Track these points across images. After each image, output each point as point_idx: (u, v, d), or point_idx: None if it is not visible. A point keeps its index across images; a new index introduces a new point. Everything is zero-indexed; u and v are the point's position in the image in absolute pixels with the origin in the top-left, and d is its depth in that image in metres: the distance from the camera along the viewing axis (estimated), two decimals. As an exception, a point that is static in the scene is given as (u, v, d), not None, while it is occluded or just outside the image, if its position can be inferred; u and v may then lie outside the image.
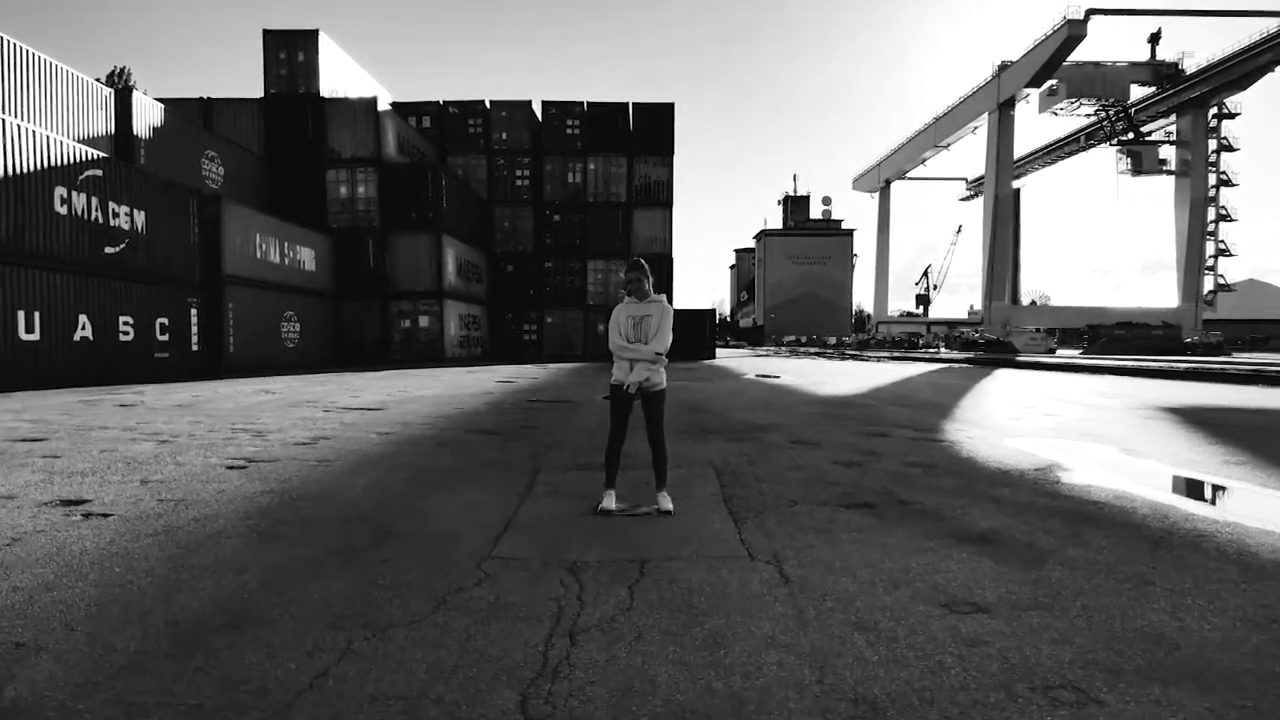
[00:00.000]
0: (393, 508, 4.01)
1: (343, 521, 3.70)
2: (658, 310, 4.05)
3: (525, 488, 4.58)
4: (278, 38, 28.08)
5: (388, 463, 5.40)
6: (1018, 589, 2.76)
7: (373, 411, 8.87)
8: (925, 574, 2.92)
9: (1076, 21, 51.52)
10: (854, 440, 6.78)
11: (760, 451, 6.09)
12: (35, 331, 13.66)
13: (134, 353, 16.19)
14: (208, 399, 10.48)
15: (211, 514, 3.78)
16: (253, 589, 2.69)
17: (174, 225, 17.76)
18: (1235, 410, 10.00)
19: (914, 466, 5.43)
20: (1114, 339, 48.95)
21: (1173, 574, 2.94)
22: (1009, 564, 3.06)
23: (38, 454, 5.51)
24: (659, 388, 4.04)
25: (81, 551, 3.11)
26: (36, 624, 2.33)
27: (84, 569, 2.88)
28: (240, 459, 5.43)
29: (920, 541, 3.39)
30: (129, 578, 2.79)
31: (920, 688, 1.95)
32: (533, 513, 3.95)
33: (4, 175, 12.97)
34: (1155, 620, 2.45)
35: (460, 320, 29.95)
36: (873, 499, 4.32)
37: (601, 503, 4.01)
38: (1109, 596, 2.68)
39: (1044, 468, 5.42)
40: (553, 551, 3.20)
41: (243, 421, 7.72)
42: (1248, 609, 2.56)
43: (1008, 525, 3.70)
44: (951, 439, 6.98)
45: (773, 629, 2.36)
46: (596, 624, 2.39)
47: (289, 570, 2.91)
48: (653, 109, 35.19)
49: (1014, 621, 2.43)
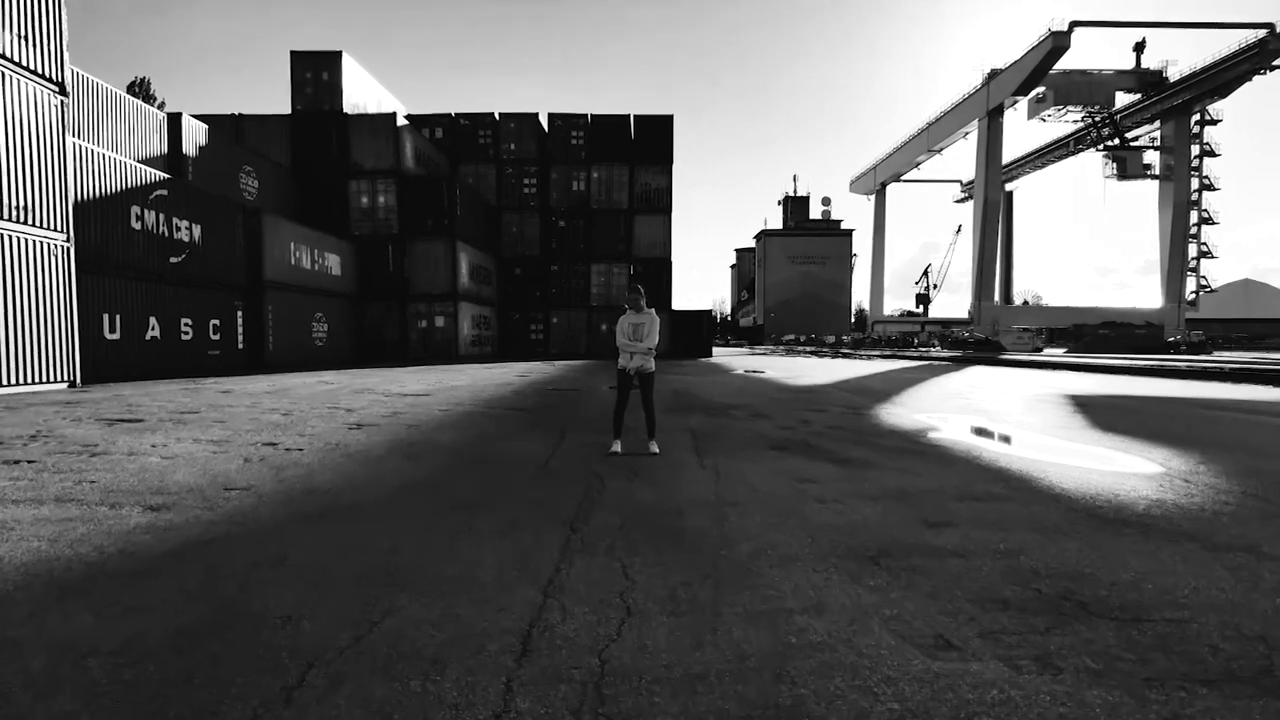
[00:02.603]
0: (478, 449, 6.21)
1: (449, 452, 5.90)
2: (649, 319, 6.22)
3: (558, 440, 6.77)
4: (304, 59, 30.28)
5: (459, 427, 7.61)
6: (842, 476, 4.95)
7: (423, 396, 11.06)
8: (794, 471, 5.13)
9: (1060, 33, 53.64)
10: (798, 414, 8.98)
11: (726, 422, 8.28)
12: (116, 332, 15.87)
13: (193, 350, 18.43)
14: (284, 388, 12.70)
15: (362, 450, 5.98)
16: (431, 475, 4.89)
17: (224, 236, 19.98)
18: (1131, 398, 12.18)
19: (831, 429, 7.62)
20: (1098, 338, 50.98)
21: (932, 470, 5.14)
22: (847, 469, 5.26)
23: (208, 420, 7.72)
24: (650, 371, 6.22)
25: (324, 460, 5.31)
26: (342, 467, 4.53)
27: (326, 467, 5.07)
28: (352, 424, 7.63)
29: (802, 461, 5.59)
30: (357, 470, 4.99)
31: (765, 499, 4.14)
32: (566, 451, 6.15)
33: (93, 198, 15.17)
34: (900, 483, 4.65)
35: (473, 320, 32.15)
36: (789, 445, 6.50)
37: (611, 448, 6.17)
38: (888, 477, 4.88)
39: (922, 429, 7.62)
40: (584, 466, 5.40)
41: (329, 403, 9.92)
42: (945, 475, 4.75)
43: (865, 455, 5.90)
44: (872, 413, 9.18)
45: (699, 486, 4.57)
46: (610, 489, 4.58)
47: (437, 471, 5.11)
48: (653, 120, 37.36)
49: (829, 484, 4.62)
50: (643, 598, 2.64)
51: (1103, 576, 2.88)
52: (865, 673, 2.04)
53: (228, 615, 2.43)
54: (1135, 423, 8.37)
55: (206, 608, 2.50)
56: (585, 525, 3.65)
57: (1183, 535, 3.50)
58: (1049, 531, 3.55)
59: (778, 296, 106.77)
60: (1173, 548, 3.29)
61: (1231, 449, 6.33)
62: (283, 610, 2.48)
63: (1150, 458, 5.83)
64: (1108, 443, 6.72)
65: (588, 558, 3.11)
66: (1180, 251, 63.93)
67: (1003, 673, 2.04)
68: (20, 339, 11.97)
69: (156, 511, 3.78)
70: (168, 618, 2.40)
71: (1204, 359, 31.91)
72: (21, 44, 12.46)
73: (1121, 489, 4.61)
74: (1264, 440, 6.96)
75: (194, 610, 2.47)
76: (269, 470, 4.97)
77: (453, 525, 3.64)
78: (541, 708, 1.85)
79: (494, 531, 3.53)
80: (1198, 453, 6.09)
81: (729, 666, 2.09)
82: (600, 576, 2.86)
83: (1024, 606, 2.55)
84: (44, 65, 12.93)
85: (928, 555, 3.16)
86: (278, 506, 3.96)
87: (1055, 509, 4.04)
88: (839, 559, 3.11)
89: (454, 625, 2.36)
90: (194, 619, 2.39)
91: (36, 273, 12.45)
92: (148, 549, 3.16)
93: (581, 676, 2.03)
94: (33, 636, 2.25)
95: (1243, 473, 5.18)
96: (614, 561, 3.06)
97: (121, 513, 3.75)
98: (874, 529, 3.59)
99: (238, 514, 3.78)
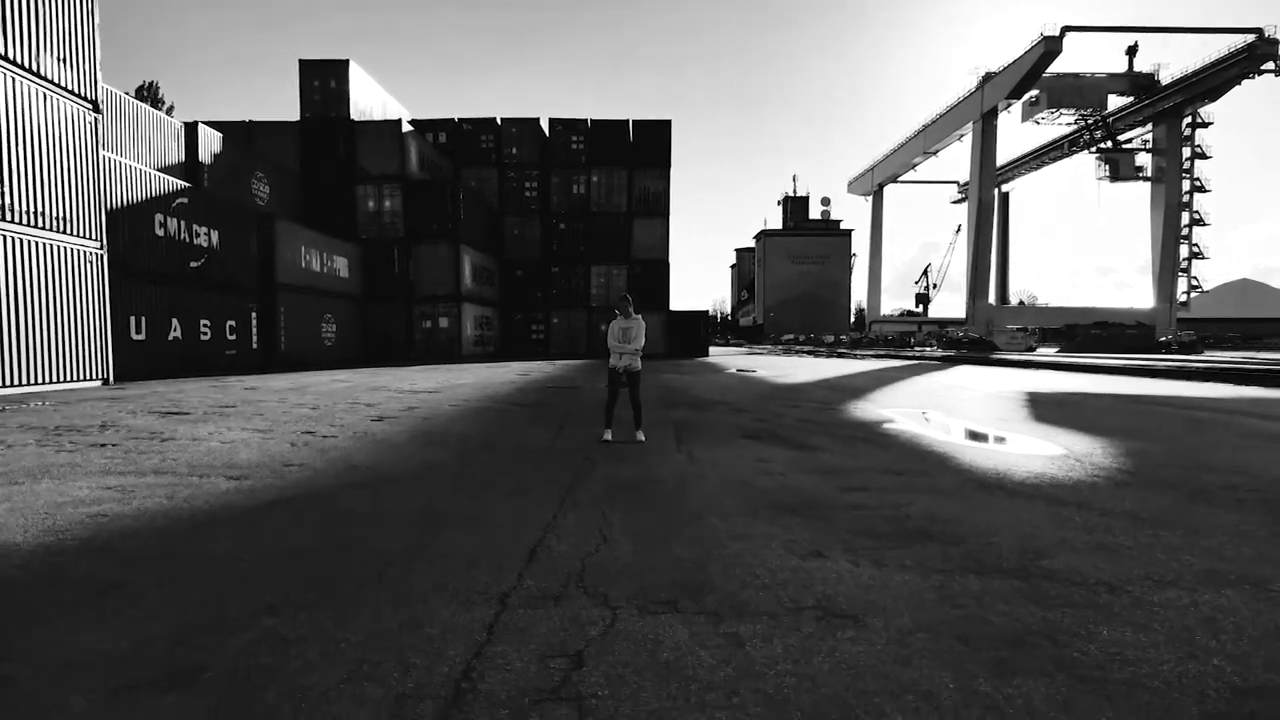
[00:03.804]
0: (487, 437, 7.20)
1: (462, 439, 6.90)
2: (637, 324, 7.20)
3: (557, 430, 7.76)
4: (313, 67, 31.26)
5: (469, 419, 8.60)
6: (795, 457, 5.94)
7: (434, 394, 12.06)
8: (757, 455, 6.12)
9: (1052, 38, 54.58)
10: (774, 409, 9.97)
11: (708, 416, 9.28)
12: (142, 333, 16.88)
13: (211, 350, 19.44)
14: (303, 385, 13.71)
15: (387, 438, 6.97)
16: (450, 457, 5.88)
17: (239, 241, 20.99)
18: (1086, 395, 13.16)
19: (802, 421, 8.61)
20: (1089, 338, 51.85)
21: (872, 453, 6.13)
22: (801, 452, 6.25)
23: (246, 414, 8.72)
24: (637, 370, 7.21)
25: (358, 444, 6.30)
26: (384, 444, 5.53)
27: (360, 450, 6.06)
28: (374, 416, 8.63)
29: (768, 446, 6.58)
30: (387, 452, 5.98)
31: (725, 474, 5.13)
32: (564, 439, 7.14)
33: (122, 206, 16.17)
34: (840, 462, 5.64)
35: (476, 321, 33.16)
36: (760, 434, 7.50)
37: (603, 436, 7.16)
38: (833, 458, 5.87)
39: (879, 421, 8.61)
40: (578, 451, 6.39)
41: (349, 398, 10.92)
42: (881, 456, 5.75)
43: (823, 441, 6.88)
44: (842, 409, 10.17)
45: (674, 465, 5.57)
46: (600, 467, 5.58)
47: (454, 454, 6.10)
48: (651, 125, 38.34)
49: (782, 463, 5.61)
50: (615, 533, 3.63)
51: (955, 520, 3.87)
52: (756, 567, 3.05)
53: (322, 541, 3.43)
54: (1072, 416, 9.36)
55: (305, 536, 3.50)
56: (578, 491, 4.65)
57: (1040, 497, 4.49)
58: (939, 494, 4.54)
59: (777, 296, 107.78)
60: (1025, 504, 4.28)
61: (1140, 438, 7.32)
62: (359, 537, 3.48)
63: (1061, 443, 6.82)
64: (1036, 432, 7.71)
65: (578, 510, 4.11)
66: (1171, 252, 64.86)
67: (846, 566, 3.04)
68: (62, 340, 12.98)
69: (237, 481, 4.78)
70: (281, 541, 3.40)
71: (1191, 359, 32.69)
72: (61, 67, 13.46)
73: (1018, 466, 5.60)
74: (1173, 431, 7.94)
75: (297, 537, 3.47)
76: (314, 452, 5.96)
77: (474, 490, 4.63)
78: (543, 583, 2.86)
79: (506, 494, 4.52)
80: (1107, 440, 7.07)
81: (667, 565, 3.09)
82: (586, 521, 3.86)
83: (885, 536, 3.55)
84: (80, 85, 13.93)
85: (836, 509, 4.16)
86: (330, 478, 4.96)
87: (955, 479, 5.03)
88: (767, 511, 4.10)
89: (483, 546, 3.36)
90: (299, 543, 3.39)
91: (76, 279, 13.45)
92: (245, 504, 4.16)
93: (568, 569, 3.04)
94: (195, 550, 3.24)
95: (1131, 455, 6.17)
96: (597, 513, 4.05)
97: (211, 481, 4.75)
98: (803, 493, 4.59)
99: (301, 482, 4.78)
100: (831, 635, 2.36)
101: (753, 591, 2.77)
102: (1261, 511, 4.11)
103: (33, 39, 12.75)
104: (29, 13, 12.66)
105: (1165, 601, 2.71)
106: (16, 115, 12.31)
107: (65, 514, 3.79)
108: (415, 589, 2.77)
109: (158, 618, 2.47)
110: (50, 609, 2.54)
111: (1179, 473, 5.32)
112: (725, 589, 2.80)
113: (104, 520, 3.68)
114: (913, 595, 2.74)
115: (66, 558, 3.10)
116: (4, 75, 11.99)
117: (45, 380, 12.51)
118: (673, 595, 2.73)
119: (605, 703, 1.92)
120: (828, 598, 2.71)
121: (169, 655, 2.19)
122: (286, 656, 2.17)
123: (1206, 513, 4.08)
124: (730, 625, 2.44)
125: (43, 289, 12.62)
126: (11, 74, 12.18)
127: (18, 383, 11.91)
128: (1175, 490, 4.71)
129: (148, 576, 2.88)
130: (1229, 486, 4.81)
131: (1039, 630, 2.43)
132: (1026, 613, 2.58)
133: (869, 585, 2.84)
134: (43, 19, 12.98)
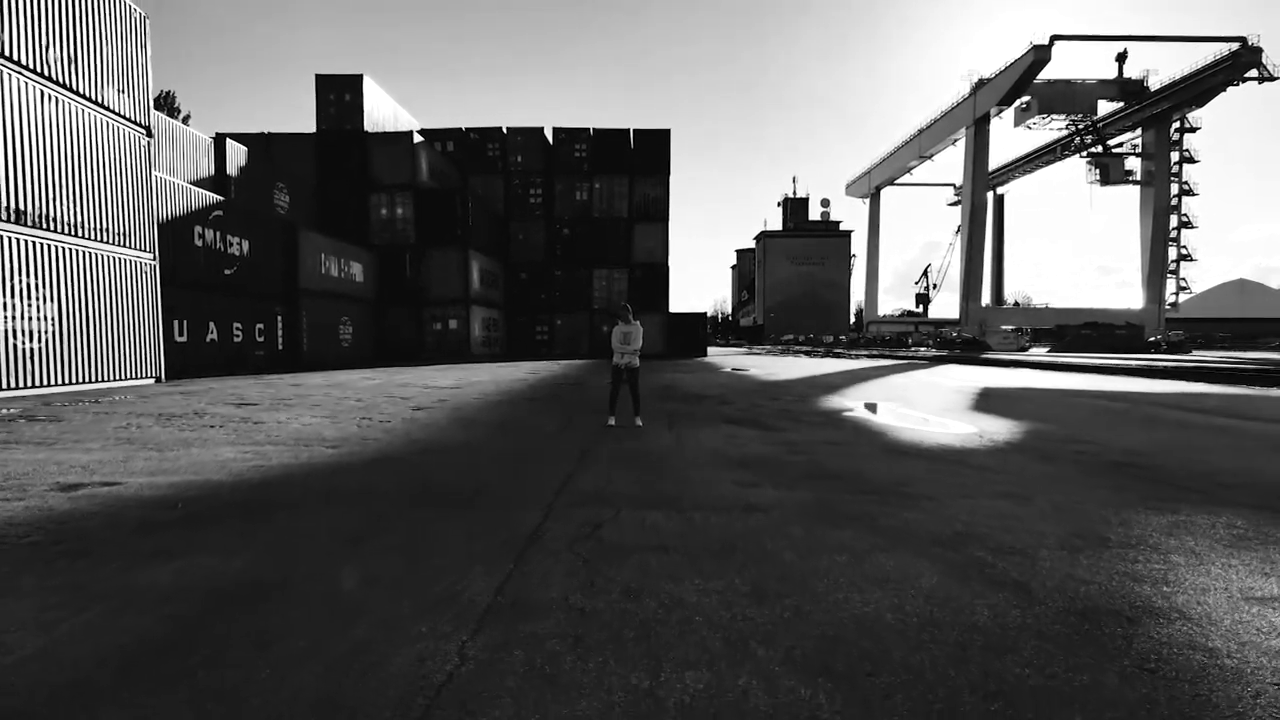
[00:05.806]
0: (512, 423, 8.77)
1: (490, 424, 8.46)
2: (636, 329, 8.76)
3: (567, 419, 9.32)
4: (328, 81, 32.89)
5: (494, 408, 10.17)
6: (762, 436, 7.49)
7: (456, 389, 13.63)
8: (732, 436, 7.68)
9: (1041, 46, 56.13)
10: (757, 402, 11.53)
11: (698, 407, 10.84)
12: (185, 335, 18.48)
13: (243, 351, 21.05)
14: (339, 383, 15.31)
15: (432, 421, 8.53)
16: (486, 436, 7.44)
17: (266, 249, 22.59)
18: (1038, 389, 14.70)
19: (779, 411, 10.17)
20: (1079, 338, 53.26)
21: (824, 432, 7.68)
22: (768, 432, 7.80)
23: (306, 405, 10.29)
24: (636, 367, 8.76)
25: (410, 427, 7.86)
26: (430, 424, 7.10)
27: (414, 430, 7.62)
28: (414, 406, 10.19)
29: (743, 429, 8.13)
30: (435, 433, 7.54)
31: (703, 446, 6.69)
32: (574, 425, 8.70)
33: (167, 220, 17.76)
34: (795, 438, 7.21)
35: (483, 323, 34.77)
36: (739, 420, 9.05)
37: (608, 421, 8.71)
38: (791, 436, 7.41)
39: (842, 410, 10.17)
40: (590, 432, 7.94)
41: (384, 393, 12.49)
42: (830, 433, 7.30)
43: (787, 425, 8.44)
44: (816, 401, 11.72)
45: (665, 441, 7.13)
46: (605, 443, 7.14)
47: (489, 433, 7.67)
48: (651, 134, 39.95)
49: (749, 440, 7.17)
50: (619, 480, 5.20)
51: (859, 470, 5.43)
52: (712, 492, 4.65)
53: (416, 484, 4.99)
54: (1009, 406, 10.92)
55: (405, 479, 5.06)
56: (589, 457, 6.21)
57: (932, 458, 6.05)
58: (859, 458, 6.11)
59: (777, 297, 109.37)
60: (915, 460, 5.85)
61: (1050, 422, 8.87)
62: (441, 480, 5.04)
63: (982, 427, 8.38)
64: (968, 419, 9.27)
65: (590, 468, 5.67)
66: (1161, 254, 66.37)
67: (769, 491, 4.64)
68: (124, 341, 14.57)
69: (335, 449, 6.35)
70: (390, 480, 4.97)
71: (1176, 358, 33.82)
72: (119, 96, 15.05)
73: (930, 439, 7.16)
74: (1081, 417, 9.49)
75: (400, 480, 5.03)
76: (379, 431, 7.53)
77: (508, 459, 6.20)
78: (572, 500, 4.43)
79: (533, 459, 6.09)
80: (1019, 423, 8.63)
81: (652, 494, 4.68)
82: (597, 474, 5.43)
83: (805, 477, 5.13)
84: (135, 113, 15.53)
85: (777, 464, 5.72)
86: (400, 447, 6.53)
87: (876, 448, 6.60)
88: (729, 467, 5.67)
89: (522, 487, 4.94)
90: (404, 482, 4.95)
91: (134, 287, 15.05)
92: (350, 463, 5.73)
93: (587, 492, 4.61)
94: (339, 485, 4.81)
95: (1029, 434, 7.73)
96: (604, 470, 5.61)
97: (316, 449, 6.32)
98: (759, 456, 6.15)
99: (382, 450, 6.35)
100: (746, 517, 3.97)
101: (706, 501, 4.36)
102: (1076, 467, 5.67)
103: (96, 71, 14.34)
104: (95, 48, 14.26)
105: (956, 504, 4.31)
106: (84, 141, 13.91)
107: (234, 466, 5.37)
108: (479, 508, 4.35)
109: (351, 512, 4.04)
110: (281, 512, 4.12)
111: (1053, 446, 6.88)
112: (689, 500, 4.39)
113: (266, 468, 5.26)
114: (801, 501, 4.35)
115: (266, 489, 4.68)
116: (73, 106, 13.58)
117: (111, 378, 14.09)
118: (655, 504, 4.31)
119: (612, 539, 3.50)
120: (750, 503, 4.31)
121: (375, 526, 3.76)
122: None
123: (1040, 467, 5.65)
124: (688, 515, 4.03)
125: (108, 296, 14.21)
126: (79, 104, 13.77)
127: (90, 379, 13.50)
128: (1034, 454, 6.28)
129: (321, 498, 4.45)
130: (1078, 453, 6.36)
131: (870, 514, 4.05)
132: (867, 508, 4.19)
133: (779, 499, 4.44)
134: (105, 54, 14.58)
